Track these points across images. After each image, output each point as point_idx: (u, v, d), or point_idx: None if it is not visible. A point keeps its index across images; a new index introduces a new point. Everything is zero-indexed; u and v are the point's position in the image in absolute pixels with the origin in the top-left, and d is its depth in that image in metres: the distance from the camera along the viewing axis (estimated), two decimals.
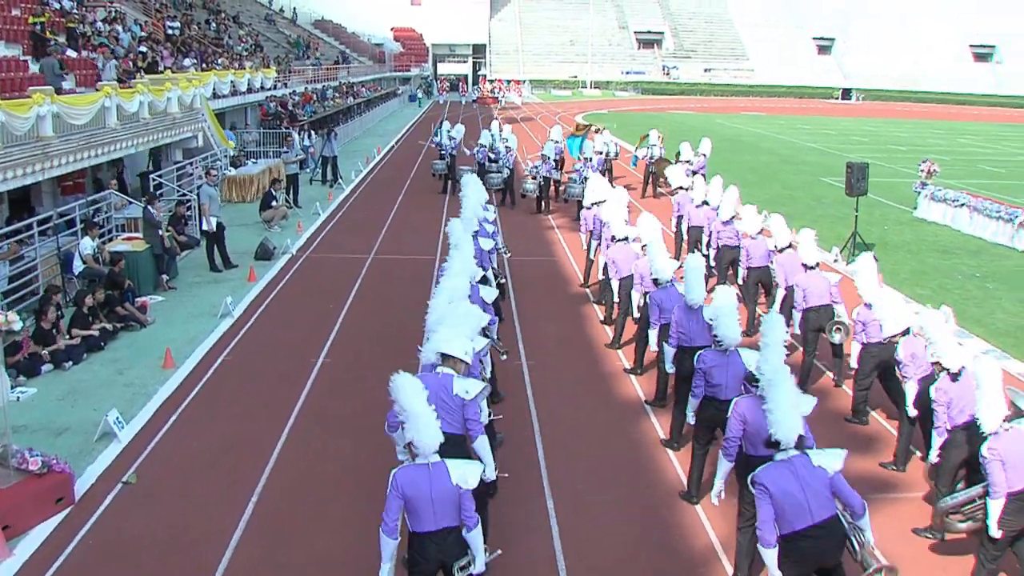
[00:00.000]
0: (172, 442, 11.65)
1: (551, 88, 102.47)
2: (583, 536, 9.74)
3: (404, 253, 22.29)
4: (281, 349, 15.19)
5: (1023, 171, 43.88)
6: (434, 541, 6.97)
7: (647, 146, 32.15)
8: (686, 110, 79.08)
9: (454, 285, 10.31)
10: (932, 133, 65.13)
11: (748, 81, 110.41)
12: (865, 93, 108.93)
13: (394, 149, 44.94)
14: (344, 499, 10.34)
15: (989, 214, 27.27)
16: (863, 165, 23.55)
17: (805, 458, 7.25)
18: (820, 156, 47.17)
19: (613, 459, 11.55)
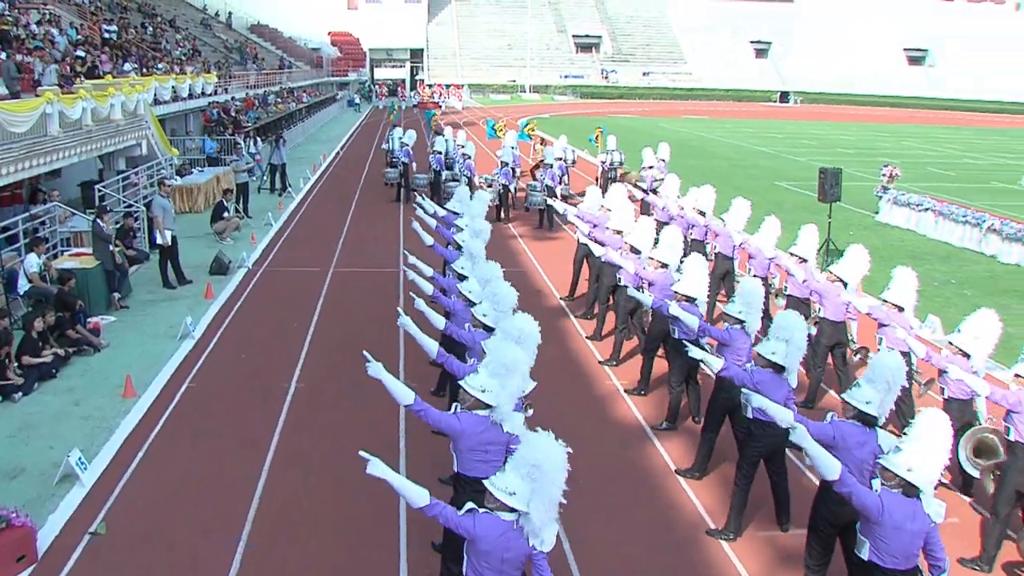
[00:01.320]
0: (141, 483, 10.59)
1: (490, 92, 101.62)
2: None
3: (365, 266, 21.29)
4: (249, 374, 14.16)
5: (972, 174, 44.03)
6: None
7: (606, 151, 31.46)
8: (627, 114, 78.70)
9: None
10: (877, 136, 65.39)
11: (687, 85, 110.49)
12: (803, 96, 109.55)
13: (340, 156, 43.77)
14: (340, 544, 9.41)
15: (955, 219, 27.00)
16: (836, 171, 23.10)
17: (918, 501, 6.79)
18: (771, 160, 46.93)
19: (624, 491, 10.81)
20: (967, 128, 78.79)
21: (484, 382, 7.52)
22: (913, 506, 6.77)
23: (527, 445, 6.23)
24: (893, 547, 6.81)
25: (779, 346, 9.53)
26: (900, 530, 6.75)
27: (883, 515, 6.75)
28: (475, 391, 7.50)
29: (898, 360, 8.31)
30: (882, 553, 6.85)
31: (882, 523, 6.77)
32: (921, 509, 6.78)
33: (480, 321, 10.10)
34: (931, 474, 6.80)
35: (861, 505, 6.81)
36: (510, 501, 6.13)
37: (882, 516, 6.75)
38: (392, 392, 7.63)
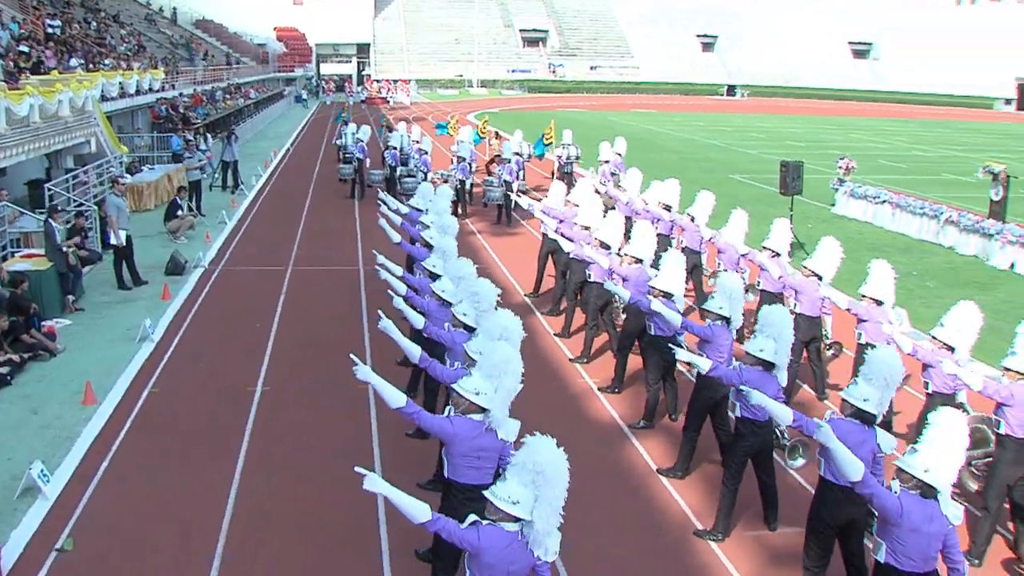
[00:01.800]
0: (108, 495, 10.15)
1: (437, 87, 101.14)
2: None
3: (324, 264, 20.88)
4: (212, 377, 13.74)
5: (922, 166, 44.45)
6: None
7: (562, 145, 31.22)
8: (576, 108, 78.62)
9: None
10: (825, 129, 65.95)
11: (634, 78, 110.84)
12: (749, 89, 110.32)
13: (290, 152, 43.16)
14: (320, 552, 9.08)
15: (913, 211, 27.14)
16: (798, 164, 23.12)
17: (936, 503, 6.62)
18: (722, 153, 47.07)
19: (607, 493, 10.57)
20: (912, 120, 79.77)
21: (478, 384, 7.25)
22: (931, 508, 6.63)
23: (528, 450, 5.99)
24: (910, 549, 6.66)
25: (767, 343, 9.37)
26: (918, 532, 6.61)
27: (902, 517, 6.60)
28: (469, 394, 7.23)
29: (895, 357, 8.19)
30: (899, 555, 6.70)
31: (900, 525, 6.62)
32: (939, 511, 6.64)
33: (460, 320, 9.82)
34: (948, 474, 6.68)
35: (881, 507, 6.66)
36: (513, 510, 5.89)
37: (900, 518, 6.61)
38: (382, 395, 7.36)
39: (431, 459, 10.89)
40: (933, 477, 6.61)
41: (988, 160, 26.73)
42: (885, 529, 6.75)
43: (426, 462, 10.91)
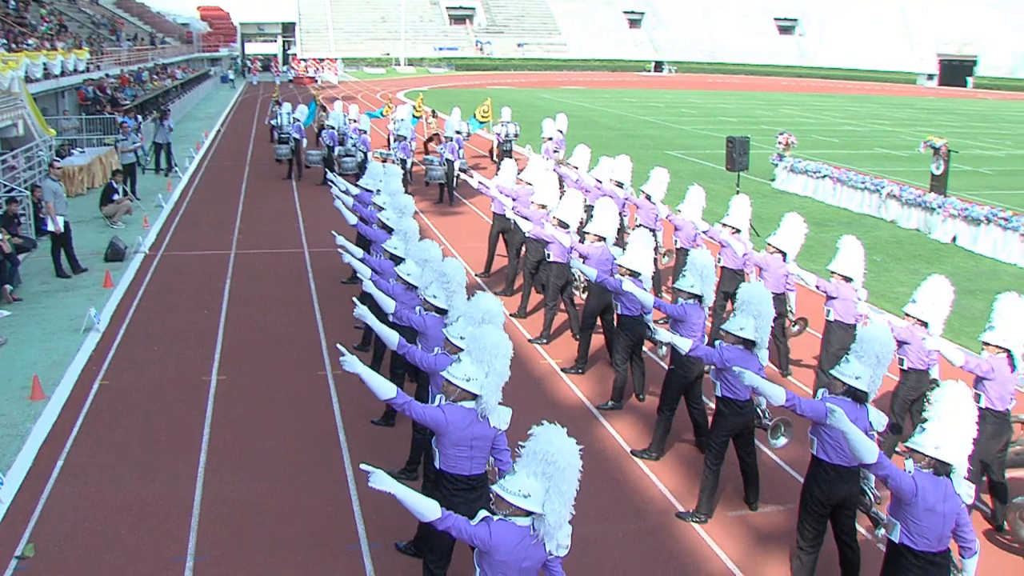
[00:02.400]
0: (66, 495, 9.64)
1: (363, 66, 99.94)
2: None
3: (268, 247, 20.37)
4: (165, 367, 13.25)
5: (855, 140, 44.87)
6: None
7: (501, 123, 30.87)
8: (505, 85, 78.20)
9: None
10: (756, 104, 66.38)
11: (561, 56, 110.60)
12: (677, 65, 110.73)
13: (221, 133, 42.19)
14: (298, 548, 8.74)
15: (854, 185, 27.33)
16: (744, 139, 23.12)
17: (949, 482, 6.62)
18: (657, 129, 47.07)
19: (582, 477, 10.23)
20: (840, 96, 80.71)
21: (468, 370, 6.98)
22: (945, 486, 6.56)
23: (538, 440, 5.78)
24: (926, 529, 6.58)
25: (747, 321, 9.23)
26: (932, 512, 6.52)
27: (917, 496, 6.51)
28: (459, 381, 6.96)
29: (887, 334, 8.11)
30: (914, 535, 6.61)
31: (915, 505, 6.53)
32: (952, 490, 6.58)
33: (431, 304, 9.50)
34: (960, 448, 6.63)
35: (896, 487, 6.55)
36: (525, 504, 5.66)
37: (916, 497, 6.51)
38: (371, 386, 7.05)
39: (400, 447, 10.66)
40: (945, 453, 6.54)
41: (930, 135, 26.99)
42: (900, 509, 6.65)
43: (396, 450, 10.66)
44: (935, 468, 6.58)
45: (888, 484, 6.61)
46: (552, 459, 5.68)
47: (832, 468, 7.91)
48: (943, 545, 6.64)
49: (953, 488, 6.59)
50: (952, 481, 6.62)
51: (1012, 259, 21.58)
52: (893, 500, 6.73)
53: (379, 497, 9.54)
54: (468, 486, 7.14)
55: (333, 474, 10.27)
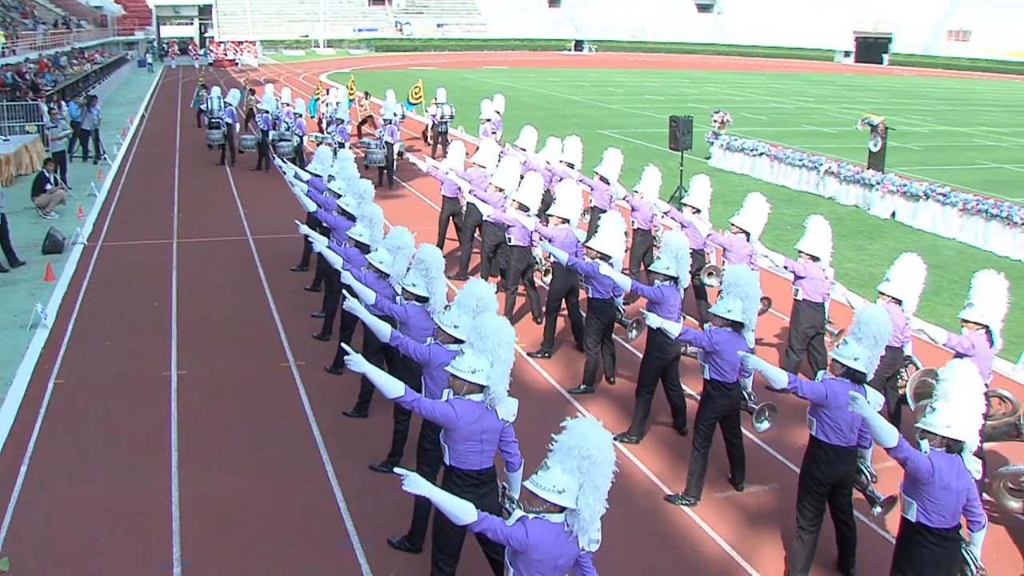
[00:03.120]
0: (34, 503, 9.21)
1: (283, 48, 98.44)
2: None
3: (210, 235, 19.86)
4: (121, 362, 12.79)
5: (782, 118, 45.37)
6: None
7: (436, 104, 30.56)
8: (426, 66, 77.60)
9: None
10: (680, 82, 66.76)
11: (481, 35, 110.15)
12: (597, 44, 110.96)
13: (146, 119, 41.11)
14: (287, 548, 8.48)
15: (792, 162, 27.57)
16: (688, 119, 23.13)
17: (960, 459, 6.73)
18: (586, 109, 47.04)
19: None
20: (761, 73, 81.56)
21: (472, 362, 6.80)
22: (958, 464, 6.64)
23: (573, 434, 5.64)
24: (942, 507, 6.64)
25: (735, 303, 9.20)
26: (947, 490, 6.59)
27: (934, 476, 6.57)
28: (465, 374, 6.77)
29: (884, 315, 8.13)
30: (930, 513, 6.66)
31: (932, 484, 6.59)
32: (963, 466, 6.66)
33: (411, 292, 9.28)
34: (971, 425, 6.70)
35: (914, 468, 6.59)
36: (559, 500, 5.55)
37: (932, 477, 6.57)
38: (379, 385, 6.87)
39: (375, 438, 10.54)
40: (957, 431, 6.62)
41: (867, 113, 27.24)
42: (916, 489, 6.69)
43: (371, 442, 10.52)
44: (947, 446, 6.65)
45: (907, 466, 6.63)
46: (588, 453, 5.56)
47: (831, 448, 7.94)
48: (956, 521, 6.71)
49: (964, 465, 6.68)
50: (962, 458, 6.69)
51: (951, 234, 21.95)
52: (908, 480, 6.75)
53: (363, 491, 9.44)
54: (478, 481, 6.97)
55: (310, 468, 10.01)
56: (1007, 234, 20.78)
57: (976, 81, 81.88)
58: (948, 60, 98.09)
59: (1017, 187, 27.15)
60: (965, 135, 40.88)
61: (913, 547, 6.81)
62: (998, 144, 38.58)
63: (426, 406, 6.81)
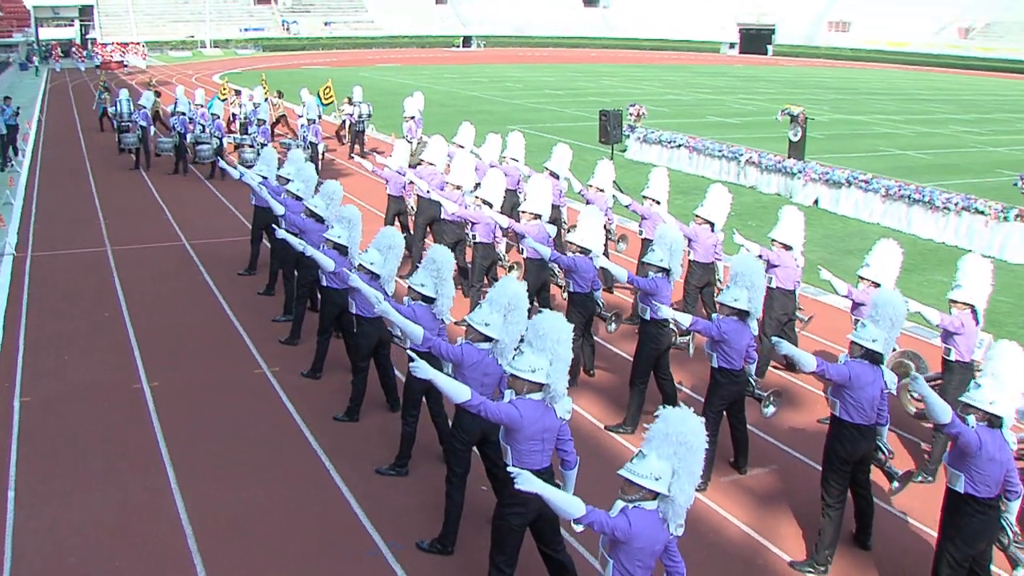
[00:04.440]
0: (34, 531, 8.73)
1: (168, 50, 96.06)
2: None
3: (144, 242, 19.25)
4: (86, 376, 12.31)
5: (684, 109, 46.05)
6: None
7: (352, 103, 30.26)
8: (316, 65, 76.44)
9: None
10: (575, 76, 67.13)
11: (369, 33, 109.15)
12: (485, 40, 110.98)
13: (44, 124, 39.67)
14: (314, 561, 8.30)
15: (711, 153, 28.02)
16: (618, 113, 23.35)
17: (1001, 432, 7.11)
18: (490, 104, 46.96)
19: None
20: (652, 66, 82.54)
21: (532, 362, 6.81)
22: (999, 437, 6.98)
23: (668, 422, 5.80)
24: (988, 477, 6.96)
25: (741, 293, 9.38)
26: (992, 461, 6.92)
27: (981, 449, 6.88)
28: (526, 373, 6.77)
29: (899, 298, 8.43)
30: (977, 484, 6.98)
31: (979, 456, 6.89)
32: (1004, 439, 7.00)
33: (418, 292, 9.23)
34: (1012, 404, 7.10)
35: (964, 442, 6.88)
36: (656, 486, 5.69)
37: (980, 450, 6.87)
38: (445, 390, 6.85)
39: (374, 443, 10.53)
40: (999, 408, 6.98)
41: (787, 104, 27.82)
42: (963, 462, 6.99)
43: (369, 445, 10.50)
44: (989, 421, 7.00)
45: (957, 441, 6.91)
46: (685, 440, 5.71)
47: (854, 427, 8.21)
48: (998, 490, 7.05)
49: (1004, 438, 7.02)
50: (1002, 432, 7.03)
51: (874, 219, 22.62)
52: (956, 453, 7.04)
53: (375, 496, 9.32)
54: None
55: (316, 476, 9.82)
56: (929, 218, 21.49)
57: (858, 70, 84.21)
58: (830, 50, 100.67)
59: (923, 172, 28.08)
60: (863, 123, 42.04)
61: (961, 517, 7.11)
62: (896, 131, 39.79)
63: (492, 409, 6.76)
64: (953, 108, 51.26)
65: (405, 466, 9.76)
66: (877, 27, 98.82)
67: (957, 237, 20.76)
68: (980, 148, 35.82)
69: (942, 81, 74.16)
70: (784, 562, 8.57)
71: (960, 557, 7.15)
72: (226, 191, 24.36)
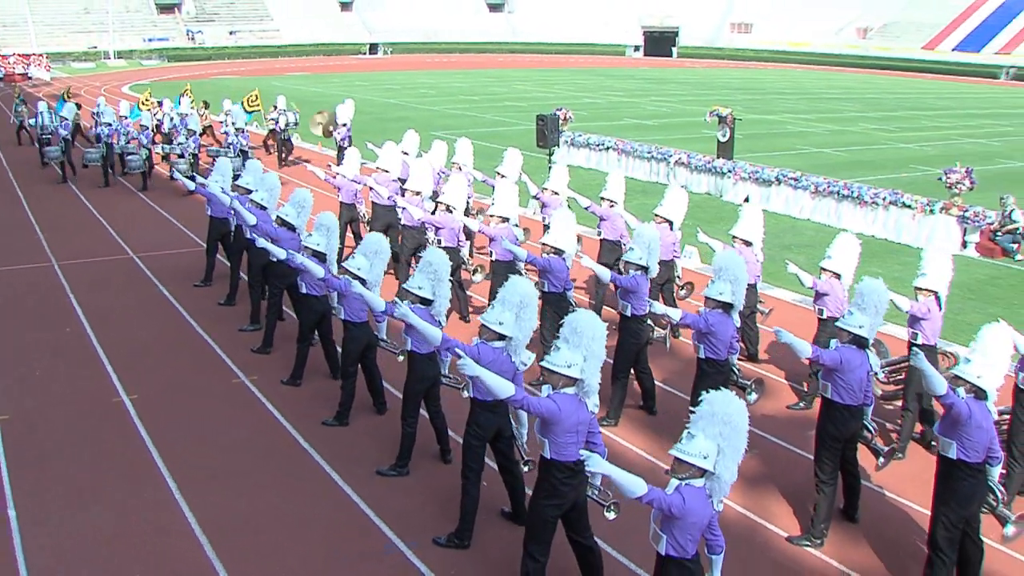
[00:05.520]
0: (45, 547, 8.70)
1: (70, 61, 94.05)
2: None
3: (90, 256, 19.02)
4: (62, 393, 12.20)
5: (600, 112, 46.80)
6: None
7: (277, 111, 30.20)
8: (226, 74, 75.59)
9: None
10: (488, 82, 67.40)
11: (275, 42, 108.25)
12: (392, 47, 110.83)
13: None
14: (337, 559, 8.49)
15: (640, 155, 28.56)
16: (555, 117, 23.68)
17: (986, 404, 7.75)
18: (408, 111, 46.92)
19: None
20: (562, 70, 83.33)
21: (568, 357, 7.17)
22: (984, 408, 7.64)
23: (714, 403, 6.28)
24: (977, 444, 7.62)
25: (726, 287, 9.84)
26: (980, 428, 7.59)
27: (971, 417, 7.51)
28: (561, 368, 7.13)
29: (883, 287, 9.03)
30: (968, 450, 7.62)
31: (969, 424, 7.52)
32: (987, 410, 7.67)
33: (415, 295, 9.49)
34: (997, 378, 7.81)
35: (956, 412, 7.53)
36: (704, 464, 6.15)
37: (970, 419, 7.51)
38: (491, 386, 7.21)
39: (369, 445, 10.78)
40: (985, 381, 7.67)
41: (714, 105, 28.52)
42: (955, 430, 7.65)
43: (364, 449, 10.72)
44: (975, 393, 7.68)
45: (951, 411, 7.56)
46: (730, 420, 6.17)
47: (844, 408, 8.82)
48: (984, 455, 7.71)
49: (988, 409, 7.71)
50: (987, 403, 7.71)
51: (804, 215, 23.46)
52: (948, 423, 7.70)
53: (380, 497, 9.51)
54: (573, 471, 7.26)
55: (318, 481, 9.97)
56: (858, 212, 22.34)
57: (762, 71, 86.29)
58: (733, 52, 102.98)
59: (842, 169, 28.99)
60: (777, 123, 43.20)
61: (955, 482, 7.76)
62: (809, 130, 40.99)
63: (534, 404, 7.09)
64: (859, 106, 52.89)
65: (406, 466, 9.99)
66: (778, 28, 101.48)
67: (886, 231, 21.61)
68: (891, 145, 37.12)
69: (844, 80, 76.41)
70: (782, 538, 9.11)
71: (955, 519, 7.78)
72: (161, 202, 24.18)
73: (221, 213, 15.91)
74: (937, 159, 32.11)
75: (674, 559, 6.26)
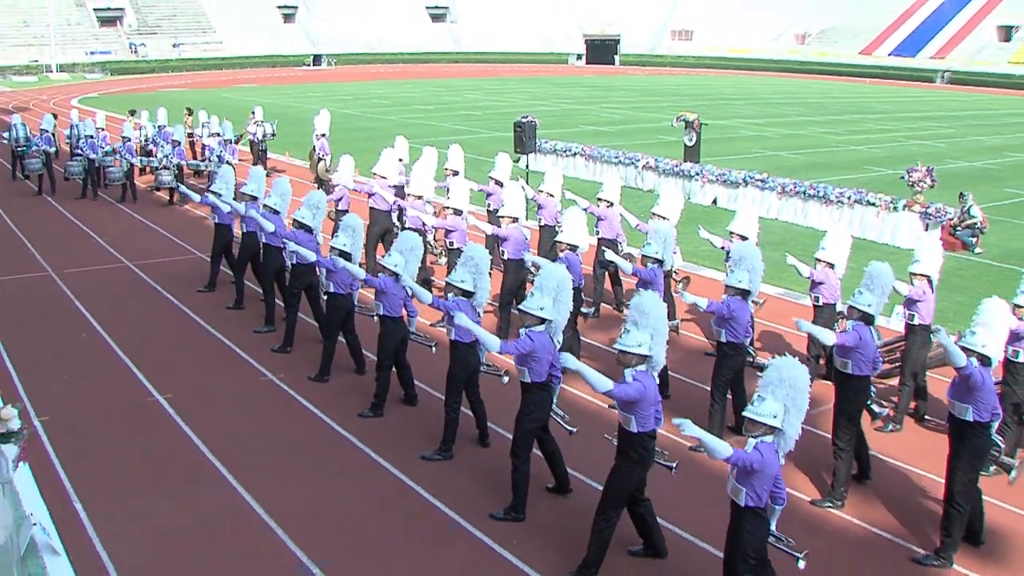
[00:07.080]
0: (118, 535, 9.09)
1: (11, 75, 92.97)
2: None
3: (87, 264, 19.28)
4: (95, 394, 12.56)
5: (555, 120, 47.10)
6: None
7: (256, 123, 30.54)
8: (172, 87, 75.41)
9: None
10: (437, 91, 67.58)
11: (218, 54, 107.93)
12: (336, 58, 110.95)
13: None
14: (409, 538, 9.13)
15: (608, 160, 29.30)
16: (533, 124, 24.36)
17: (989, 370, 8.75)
18: (365, 122, 46.77)
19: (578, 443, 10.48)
20: (508, 79, 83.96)
21: (638, 337, 7.94)
22: (989, 372, 8.63)
23: (780, 368, 7.14)
24: (989, 404, 8.58)
25: (743, 275, 10.70)
26: (991, 392, 8.58)
27: (984, 382, 8.46)
28: (634, 348, 7.95)
29: (889, 268, 10.11)
30: (981, 411, 8.59)
31: (983, 388, 8.46)
32: (991, 374, 8.67)
33: (458, 287, 10.22)
34: (999, 347, 8.86)
35: (973, 380, 8.45)
36: (775, 423, 6.99)
37: (983, 383, 8.45)
38: (591, 381, 7.91)
39: (404, 433, 11.39)
40: (989, 350, 8.67)
41: (682, 111, 29.43)
42: (971, 395, 8.59)
43: (405, 437, 11.30)
44: (981, 360, 8.61)
45: (969, 380, 8.48)
46: (795, 382, 7.05)
47: (862, 379, 9.80)
48: (991, 414, 8.67)
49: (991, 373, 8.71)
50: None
51: (772, 215, 24.38)
52: (963, 389, 8.64)
53: (430, 480, 10.07)
54: (654, 438, 8.12)
55: (370, 469, 10.56)
56: (824, 211, 23.31)
57: (704, 77, 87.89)
58: (674, 59, 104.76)
59: (801, 171, 29.87)
60: (729, 127, 44.26)
61: (970, 439, 8.73)
62: (761, 134, 42.14)
63: (628, 390, 7.89)
64: (805, 111, 54.33)
65: (450, 450, 10.64)
66: (718, 35, 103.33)
67: (852, 228, 22.38)
68: (843, 147, 38.37)
69: (786, 85, 78.09)
70: (806, 502, 10.03)
71: (972, 476, 8.78)
72: (144, 213, 24.48)
73: (227, 220, 16.39)
74: (888, 160, 33.42)
75: (751, 508, 7.11)
